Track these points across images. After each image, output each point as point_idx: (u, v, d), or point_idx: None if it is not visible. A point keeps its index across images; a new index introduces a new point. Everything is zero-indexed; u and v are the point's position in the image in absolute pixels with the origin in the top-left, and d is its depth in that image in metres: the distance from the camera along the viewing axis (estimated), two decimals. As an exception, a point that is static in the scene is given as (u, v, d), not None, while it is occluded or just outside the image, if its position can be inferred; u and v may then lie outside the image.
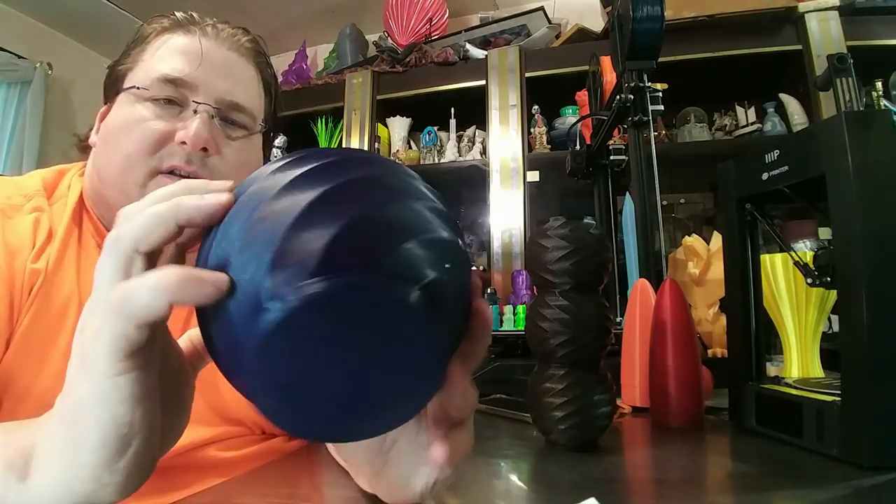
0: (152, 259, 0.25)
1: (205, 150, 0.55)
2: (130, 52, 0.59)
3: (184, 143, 0.54)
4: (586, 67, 1.42)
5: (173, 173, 0.54)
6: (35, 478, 0.26)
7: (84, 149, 0.62)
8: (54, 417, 0.26)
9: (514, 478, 0.47)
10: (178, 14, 0.60)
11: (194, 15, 0.60)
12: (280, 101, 0.68)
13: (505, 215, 1.98)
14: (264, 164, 0.30)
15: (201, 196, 0.24)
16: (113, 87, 0.59)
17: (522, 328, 0.83)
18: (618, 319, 1.16)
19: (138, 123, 0.54)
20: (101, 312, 0.24)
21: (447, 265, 0.23)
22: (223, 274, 0.22)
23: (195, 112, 0.55)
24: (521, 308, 1.47)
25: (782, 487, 0.43)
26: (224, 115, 0.58)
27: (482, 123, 2.13)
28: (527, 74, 2.06)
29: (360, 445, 0.31)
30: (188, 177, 0.54)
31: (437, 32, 2.39)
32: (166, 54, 0.56)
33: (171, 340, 0.29)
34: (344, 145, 2.21)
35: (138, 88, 0.55)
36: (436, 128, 2.25)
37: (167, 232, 0.24)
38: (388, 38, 2.46)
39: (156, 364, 0.26)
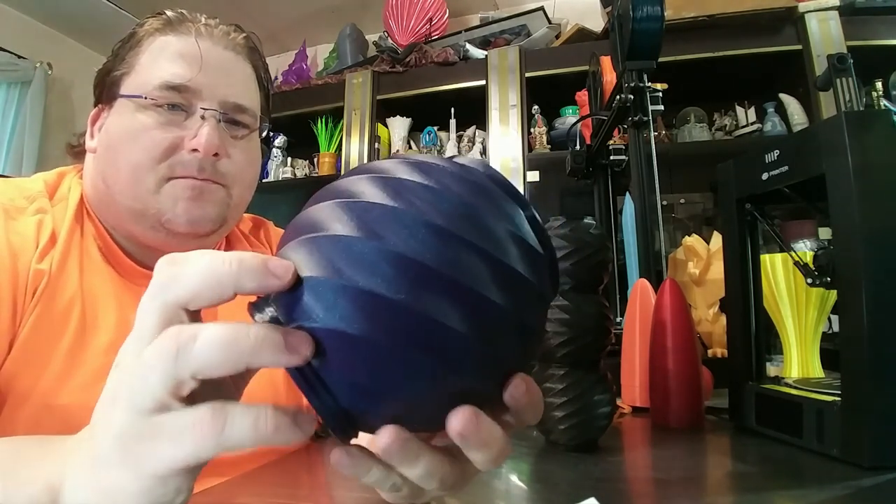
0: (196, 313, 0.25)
1: (215, 154, 0.55)
2: (125, 56, 0.57)
3: (195, 150, 0.54)
4: (586, 67, 1.41)
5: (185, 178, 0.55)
6: None
7: (77, 154, 0.62)
8: (83, 470, 0.25)
9: (514, 478, 0.46)
10: (169, 13, 0.59)
11: (185, 13, 0.59)
12: (270, 94, 0.68)
13: (505, 215, 1.98)
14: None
15: (264, 273, 0.23)
16: (108, 91, 0.58)
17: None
18: (618, 319, 1.16)
19: (144, 132, 0.54)
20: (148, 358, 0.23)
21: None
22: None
23: (202, 118, 0.55)
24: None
25: (782, 487, 0.43)
26: (229, 117, 0.58)
27: (482, 123, 2.12)
28: (527, 74, 2.06)
29: None
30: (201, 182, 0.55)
31: (437, 32, 2.39)
32: (164, 58, 0.56)
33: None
34: (344, 145, 2.21)
35: (144, 98, 0.54)
36: (436, 128, 2.25)
37: (221, 298, 0.24)
38: (388, 38, 2.46)
39: None
